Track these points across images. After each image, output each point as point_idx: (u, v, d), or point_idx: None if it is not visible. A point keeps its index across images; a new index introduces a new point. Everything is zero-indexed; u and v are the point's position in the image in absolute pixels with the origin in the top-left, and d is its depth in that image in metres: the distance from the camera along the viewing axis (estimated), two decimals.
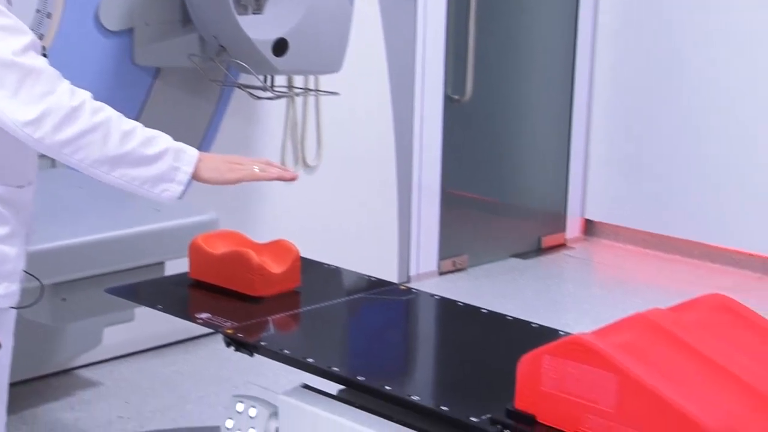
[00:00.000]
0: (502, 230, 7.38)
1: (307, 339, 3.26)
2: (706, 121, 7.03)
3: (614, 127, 7.46)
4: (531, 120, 7.34)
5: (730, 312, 2.64)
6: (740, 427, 2.25)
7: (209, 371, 5.24)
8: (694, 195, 7.11)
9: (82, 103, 2.63)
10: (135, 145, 2.69)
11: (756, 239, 6.91)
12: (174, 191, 2.79)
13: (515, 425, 2.47)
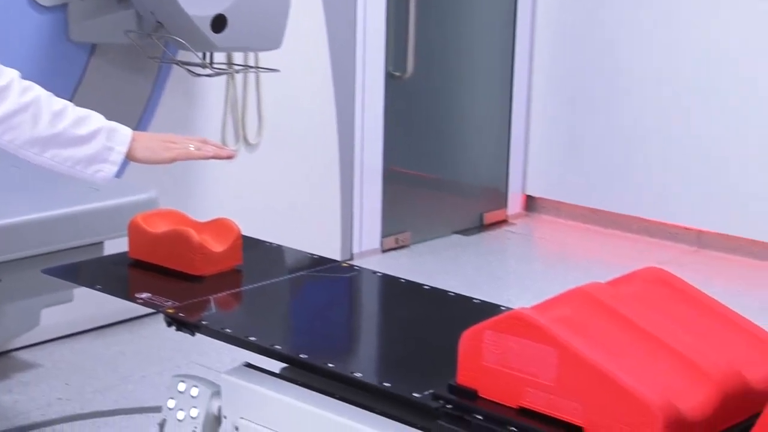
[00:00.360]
0: (444, 207, 7.41)
1: (249, 317, 3.26)
2: (643, 99, 7.09)
3: (555, 104, 7.51)
4: (472, 96, 7.37)
5: (667, 285, 2.68)
6: (677, 399, 2.29)
7: (151, 351, 5.23)
8: (632, 171, 7.18)
9: (10, 83, 2.63)
10: (66, 125, 2.69)
11: (691, 213, 6.98)
12: (108, 171, 2.79)
13: (457, 400, 2.49)
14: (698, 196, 6.94)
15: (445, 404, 2.51)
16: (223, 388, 3.02)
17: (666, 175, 7.04)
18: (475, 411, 2.46)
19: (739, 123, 6.75)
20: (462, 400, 2.49)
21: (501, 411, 2.44)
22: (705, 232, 6.98)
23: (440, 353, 2.72)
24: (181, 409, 3.11)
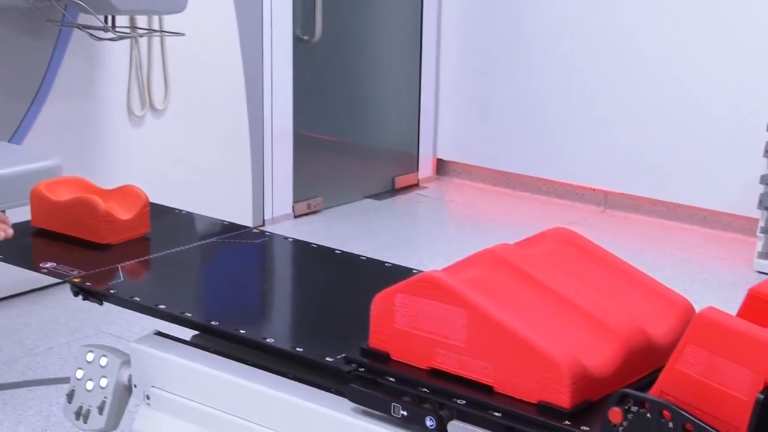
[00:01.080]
0: (356, 171, 7.43)
1: (158, 286, 3.27)
2: (550, 64, 7.13)
3: (464, 68, 7.53)
4: (381, 61, 7.38)
5: (573, 245, 2.74)
6: (584, 356, 2.35)
7: (57, 322, 5.19)
8: (540, 134, 7.22)
9: None
10: None
11: (597, 175, 7.06)
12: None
13: (369, 363, 2.53)
14: (603, 158, 7.02)
15: (357, 367, 2.55)
16: (133, 357, 3.02)
17: (573, 138, 7.10)
18: (387, 373, 2.50)
19: (639, 89, 6.82)
20: (374, 363, 2.53)
21: (413, 372, 2.48)
22: (610, 193, 7.07)
23: (352, 317, 2.76)
24: (90, 379, 3.11)
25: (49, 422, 4.39)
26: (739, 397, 2.09)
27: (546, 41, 7.15)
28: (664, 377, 2.18)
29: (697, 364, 2.14)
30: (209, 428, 2.86)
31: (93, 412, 3.10)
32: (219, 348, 2.92)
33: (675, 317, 2.54)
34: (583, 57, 7.02)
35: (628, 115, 6.90)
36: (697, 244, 6.53)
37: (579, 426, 2.27)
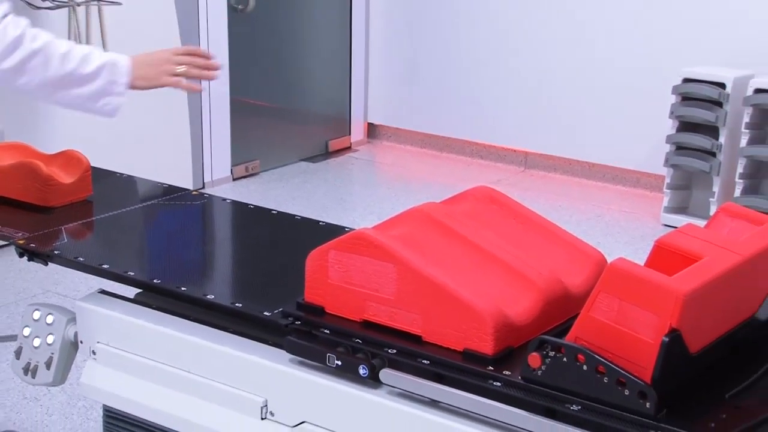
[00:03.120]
0: (291, 135, 7.44)
1: (101, 246, 3.26)
2: (473, 31, 7.16)
3: (392, 35, 7.54)
4: (313, 29, 7.38)
5: (496, 202, 2.77)
6: (506, 306, 2.39)
7: (4, 282, 5.18)
8: (464, 98, 7.26)
9: (23, 32, 2.63)
10: (74, 66, 2.70)
11: (517, 136, 7.12)
12: (114, 104, 2.83)
13: (305, 317, 2.56)
14: (523, 121, 7.08)
15: (294, 321, 2.58)
16: (79, 314, 3.03)
17: (494, 102, 7.15)
18: (322, 326, 2.53)
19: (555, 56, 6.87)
20: (309, 317, 2.56)
21: (346, 325, 2.51)
22: (530, 153, 7.13)
23: (289, 274, 2.78)
24: (37, 336, 3.12)
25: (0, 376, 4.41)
26: (646, 340, 2.14)
27: (469, 10, 7.16)
28: (579, 324, 2.22)
29: (608, 311, 2.19)
30: (153, 381, 2.87)
31: (41, 368, 3.12)
32: (162, 305, 2.93)
33: (589, 268, 2.59)
34: (502, 28, 7.06)
35: (545, 80, 6.96)
36: (610, 200, 6.61)
37: (501, 371, 2.31)
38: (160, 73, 2.88)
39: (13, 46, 2.65)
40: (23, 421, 4.12)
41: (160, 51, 2.93)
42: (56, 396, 4.22)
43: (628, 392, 2.15)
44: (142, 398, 2.89)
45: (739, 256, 2.31)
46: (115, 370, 2.95)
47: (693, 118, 6.11)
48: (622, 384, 2.16)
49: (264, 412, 2.66)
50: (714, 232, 2.47)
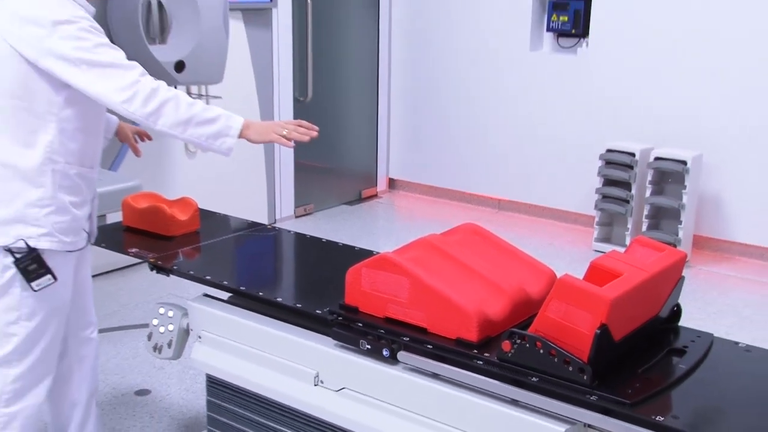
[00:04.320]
0: (335, 186, 7.41)
1: (205, 264, 3.25)
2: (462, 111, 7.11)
3: (404, 113, 7.51)
4: (351, 109, 7.37)
5: (478, 234, 2.75)
6: (485, 307, 2.38)
7: (141, 288, 5.20)
8: (455, 161, 7.21)
9: (159, 85, 2.59)
10: (199, 110, 2.64)
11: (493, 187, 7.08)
12: (229, 144, 2.71)
13: (345, 314, 2.55)
14: (497, 177, 7.03)
15: (337, 317, 2.57)
16: (190, 311, 3.03)
17: (478, 164, 7.11)
18: (357, 321, 2.52)
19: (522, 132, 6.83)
20: (348, 314, 2.55)
21: (374, 320, 2.50)
22: (502, 200, 7.09)
23: (334, 283, 2.74)
24: (162, 325, 3.13)
25: (137, 353, 4.41)
26: (584, 332, 2.13)
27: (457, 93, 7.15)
28: (537, 321, 2.21)
29: (558, 312, 2.17)
30: (240, 357, 2.86)
31: (164, 347, 3.12)
32: (246, 305, 2.93)
33: (544, 281, 2.57)
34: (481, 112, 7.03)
35: (513, 149, 6.93)
36: (556, 233, 6.58)
37: (483, 354, 2.29)
38: (269, 131, 2.80)
39: (153, 94, 2.58)
40: (153, 383, 4.12)
41: (273, 121, 2.90)
42: (174, 366, 4.22)
43: (571, 369, 2.15)
44: (233, 369, 2.88)
45: (648, 273, 2.31)
46: (214, 350, 2.95)
47: (613, 176, 6.08)
48: (567, 363, 2.15)
49: (316, 381, 2.65)
50: (630, 256, 2.46)
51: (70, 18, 2.54)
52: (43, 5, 2.55)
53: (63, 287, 2.82)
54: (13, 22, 2.56)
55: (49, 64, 2.55)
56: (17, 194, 2.67)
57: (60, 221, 2.73)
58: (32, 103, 2.62)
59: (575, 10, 6.43)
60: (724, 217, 6.04)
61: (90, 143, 2.79)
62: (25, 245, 2.67)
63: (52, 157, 2.67)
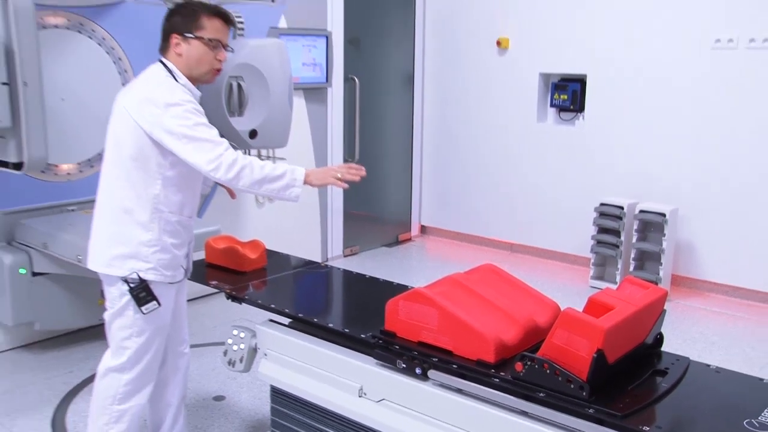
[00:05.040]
0: (377, 231, 7.40)
1: (271, 294, 3.25)
2: (478, 170, 7.14)
3: (433, 172, 7.53)
4: (390, 168, 7.38)
5: (495, 273, 2.73)
6: (501, 333, 2.35)
7: (220, 314, 5.20)
8: (475, 211, 7.20)
9: (238, 155, 2.66)
10: (269, 171, 2.69)
11: (506, 232, 7.03)
12: (297, 192, 2.75)
13: (385, 338, 2.54)
14: (510, 224, 7.00)
15: (378, 340, 2.56)
16: (258, 333, 3.04)
17: (494, 213, 7.09)
18: (394, 344, 2.51)
19: (530, 191, 6.82)
20: (387, 338, 2.54)
21: (408, 344, 2.49)
22: (514, 243, 7.04)
23: (376, 312, 2.73)
24: (235, 344, 3.14)
25: (215, 365, 4.40)
26: (583, 356, 2.10)
27: (476, 159, 7.15)
28: (545, 346, 2.19)
29: (562, 338, 2.15)
30: (299, 372, 2.85)
31: (237, 362, 3.13)
32: (303, 329, 2.93)
33: (549, 313, 2.55)
34: (496, 167, 7.03)
35: (525, 203, 6.90)
36: (559, 272, 6.52)
37: (499, 373, 2.27)
38: (327, 176, 2.82)
39: (234, 164, 2.65)
40: (227, 390, 4.11)
41: (328, 167, 2.92)
42: (245, 378, 4.21)
43: (572, 386, 2.12)
44: (293, 382, 2.88)
45: (636, 307, 2.29)
46: (277, 365, 2.95)
47: (605, 225, 6.03)
48: (569, 381, 2.12)
49: (360, 393, 2.63)
50: (621, 292, 2.44)
51: (178, 101, 2.66)
52: (161, 90, 2.69)
53: (165, 311, 2.90)
54: (137, 103, 2.70)
55: (160, 136, 2.66)
56: (133, 236, 2.78)
57: (163, 258, 2.82)
58: (146, 164, 2.73)
59: (573, 90, 6.45)
60: (696, 260, 5.97)
61: (188, 197, 2.87)
62: (137, 277, 2.78)
63: (159, 207, 2.78)
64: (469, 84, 7.10)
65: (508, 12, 6.74)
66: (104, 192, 2.84)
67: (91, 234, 2.88)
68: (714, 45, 5.62)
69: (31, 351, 4.64)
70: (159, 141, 2.67)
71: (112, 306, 2.85)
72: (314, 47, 6.25)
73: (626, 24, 6.07)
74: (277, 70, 4.46)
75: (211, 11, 2.80)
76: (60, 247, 4.17)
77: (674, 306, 5.65)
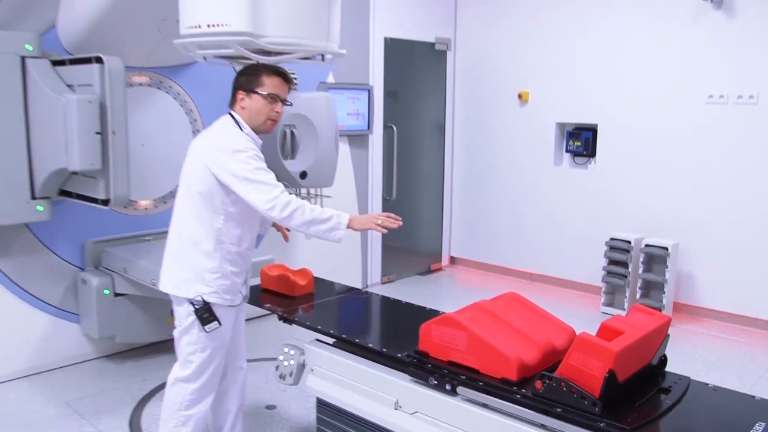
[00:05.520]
0: (411, 261, 7.36)
1: (318, 317, 3.26)
2: (499, 209, 7.11)
3: (463, 208, 7.50)
4: (423, 205, 7.35)
5: (517, 300, 2.71)
6: (522, 354, 2.32)
7: (273, 333, 5.19)
8: (498, 243, 7.15)
9: (291, 197, 2.69)
10: (318, 213, 2.71)
11: (527, 262, 6.96)
12: (340, 235, 2.75)
13: (419, 357, 2.52)
14: (530, 256, 6.94)
15: (413, 359, 2.54)
16: (306, 351, 3.03)
17: (515, 246, 7.04)
18: (428, 362, 2.49)
19: (549, 228, 6.77)
20: (421, 358, 2.52)
21: (440, 363, 2.47)
22: (534, 273, 6.97)
23: (410, 334, 2.72)
24: (285, 360, 3.14)
25: (268, 378, 4.38)
26: (596, 375, 2.07)
27: (500, 197, 7.11)
28: (562, 366, 2.16)
29: (577, 360, 2.12)
30: (342, 386, 2.84)
31: (287, 376, 3.13)
32: (346, 348, 2.92)
33: (566, 336, 2.51)
34: (517, 206, 6.99)
35: (543, 237, 6.84)
36: (573, 299, 6.43)
37: (521, 390, 2.24)
38: (368, 222, 2.83)
39: (287, 205, 2.67)
40: (278, 401, 4.09)
41: (369, 214, 2.93)
42: (294, 390, 4.19)
43: (586, 402, 2.08)
44: (336, 395, 2.86)
45: (643, 332, 2.25)
46: (322, 380, 2.93)
47: (615, 258, 5.95)
48: (584, 398, 2.09)
49: (396, 406, 2.61)
50: (630, 319, 2.40)
51: (242, 148, 2.71)
52: (228, 138, 2.76)
53: (225, 330, 2.92)
54: (208, 148, 2.77)
55: (225, 178, 2.71)
56: (198, 263, 2.82)
57: (224, 284, 2.85)
58: (212, 201, 2.78)
59: (586, 138, 6.42)
60: (696, 289, 5.87)
61: (246, 232, 2.90)
62: (201, 299, 2.81)
63: (221, 239, 2.82)
64: (493, 131, 7.10)
65: (528, 69, 6.76)
66: (176, 224, 2.88)
67: (164, 260, 2.92)
68: (707, 100, 5.67)
69: (113, 360, 4.70)
70: (224, 182, 2.71)
71: (180, 324, 2.88)
72: (358, 99, 6.30)
73: (632, 80, 6.07)
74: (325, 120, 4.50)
75: (271, 70, 2.85)
76: (137, 272, 4.22)
77: (676, 330, 5.54)
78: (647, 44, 5.95)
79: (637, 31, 6.01)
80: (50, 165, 3.86)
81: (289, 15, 2.89)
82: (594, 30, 6.27)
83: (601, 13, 6.22)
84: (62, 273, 4.51)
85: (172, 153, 4.83)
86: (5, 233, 4.25)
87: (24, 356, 4.44)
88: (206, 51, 3.04)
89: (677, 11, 5.76)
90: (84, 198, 3.91)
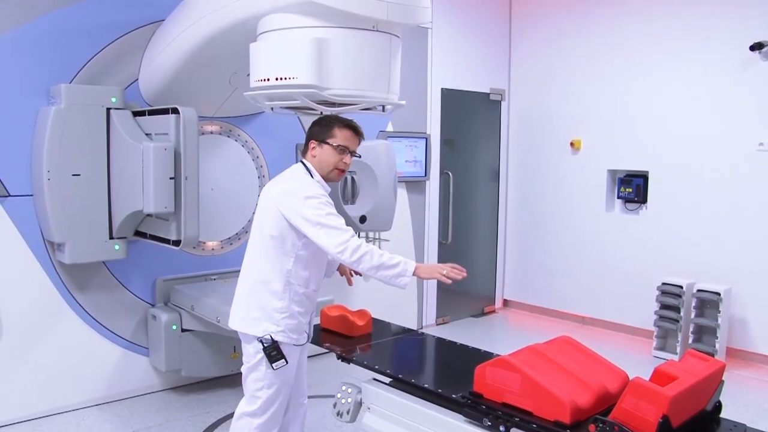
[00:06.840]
0: (466, 303, 7.30)
1: (375, 356, 3.26)
2: (560, 246, 7.01)
3: (516, 253, 7.44)
4: (477, 249, 7.32)
5: (570, 343, 2.67)
6: (576, 398, 2.28)
7: (330, 370, 5.19)
8: (551, 287, 7.07)
9: (361, 242, 2.71)
10: (386, 259, 2.72)
11: (578, 306, 6.83)
12: (406, 281, 2.74)
13: (473, 398, 2.50)
14: (583, 300, 6.82)
15: (468, 400, 2.52)
16: (363, 389, 3.03)
17: (567, 289, 6.94)
18: (482, 404, 2.46)
19: (596, 261, 6.66)
20: (475, 399, 2.50)
21: (494, 404, 2.44)
22: (586, 317, 6.84)
23: (466, 375, 2.70)
24: (343, 398, 3.13)
25: (324, 414, 4.38)
26: (650, 420, 2.02)
27: (553, 242, 7.03)
28: (615, 410, 2.11)
29: (631, 404, 2.07)
30: (396, 425, 2.82)
31: (344, 413, 3.12)
32: (402, 387, 2.90)
33: (619, 380, 2.46)
34: (570, 250, 6.90)
35: (593, 277, 6.73)
36: (625, 343, 6.27)
37: None
38: (434, 271, 2.82)
39: (357, 249, 2.69)
40: None
41: (435, 264, 2.92)
42: (350, 427, 4.16)
43: None
44: None
45: (697, 377, 2.19)
46: (379, 418, 2.92)
47: (667, 302, 5.81)
48: None
49: None
50: (684, 364, 2.34)
51: (314, 195, 2.77)
52: (300, 185, 2.80)
53: (291, 368, 2.94)
54: (281, 194, 2.81)
55: (297, 222, 2.76)
56: (267, 303, 2.85)
57: (291, 324, 2.88)
58: (283, 244, 2.82)
59: (637, 185, 6.34)
60: (749, 334, 5.68)
61: (314, 274, 2.94)
62: (270, 338, 2.84)
63: (290, 280, 2.86)
64: (546, 178, 7.07)
65: (580, 118, 6.74)
66: (247, 265, 2.93)
67: (234, 299, 2.97)
68: (758, 147, 5.58)
69: (178, 392, 4.77)
70: (296, 226, 2.76)
71: (248, 361, 2.91)
72: (415, 147, 6.36)
73: (682, 128, 6.00)
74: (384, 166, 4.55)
75: (342, 123, 2.91)
76: (204, 310, 4.30)
77: (729, 376, 5.34)
78: (696, 93, 5.89)
79: (686, 81, 5.96)
80: (127, 207, 4.00)
81: (353, 69, 2.96)
82: (644, 80, 6.24)
83: (651, 63, 6.18)
84: (134, 308, 4.63)
85: (239, 197, 4.94)
86: (85, 270, 4.40)
87: (97, 385, 4.55)
88: (274, 102, 3.13)
89: (726, 63, 5.71)
90: (156, 238, 4.03)
